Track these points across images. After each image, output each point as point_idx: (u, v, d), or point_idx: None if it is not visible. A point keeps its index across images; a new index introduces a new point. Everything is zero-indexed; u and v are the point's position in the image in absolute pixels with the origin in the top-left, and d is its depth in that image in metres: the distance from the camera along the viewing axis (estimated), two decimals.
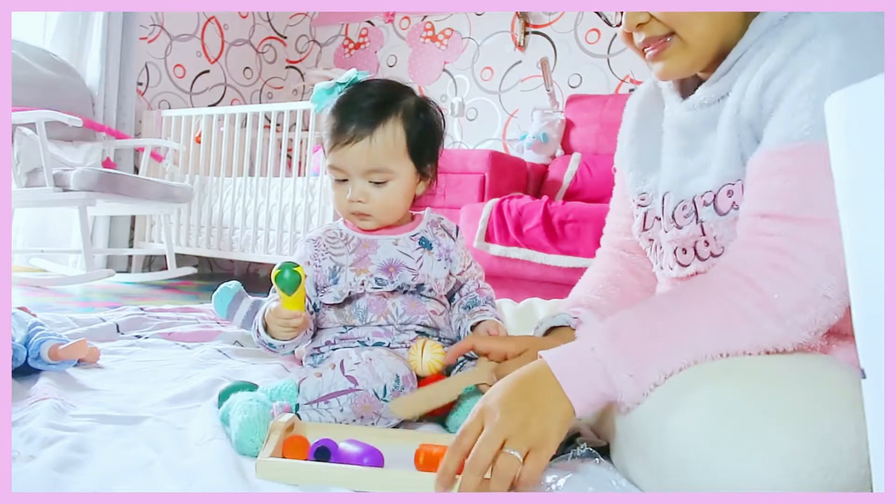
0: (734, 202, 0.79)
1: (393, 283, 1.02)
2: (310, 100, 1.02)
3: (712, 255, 0.84)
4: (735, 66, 0.82)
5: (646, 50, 0.85)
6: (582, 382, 0.70)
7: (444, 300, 1.09)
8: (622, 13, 0.84)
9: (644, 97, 1.02)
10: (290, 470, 0.73)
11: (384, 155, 0.98)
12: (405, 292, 1.04)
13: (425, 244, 1.06)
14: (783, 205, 0.71)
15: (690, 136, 0.89)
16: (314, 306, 1.06)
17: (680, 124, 0.90)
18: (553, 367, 0.71)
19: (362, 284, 1.02)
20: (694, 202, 0.85)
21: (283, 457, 0.75)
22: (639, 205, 0.98)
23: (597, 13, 0.93)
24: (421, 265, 1.04)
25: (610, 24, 0.89)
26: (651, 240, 0.96)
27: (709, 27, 0.80)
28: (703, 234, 0.84)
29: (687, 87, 0.92)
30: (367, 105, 0.98)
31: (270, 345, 0.99)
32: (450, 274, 1.07)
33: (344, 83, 1.01)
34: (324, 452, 0.76)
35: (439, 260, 1.06)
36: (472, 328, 1.06)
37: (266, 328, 0.97)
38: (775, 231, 0.71)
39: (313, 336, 1.08)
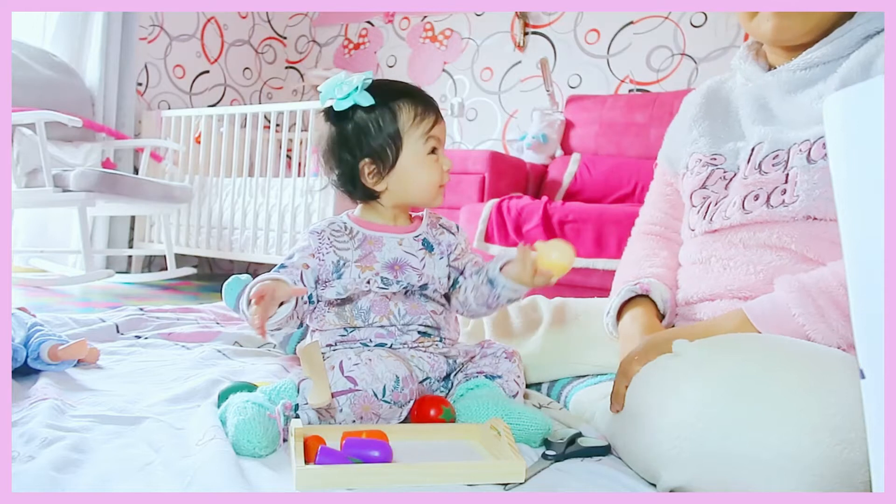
0: (825, 153, 0.87)
1: (398, 282, 1.02)
2: (347, 92, 1.01)
3: (783, 203, 0.91)
4: (841, 40, 0.91)
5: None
6: None
7: (444, 300, 1.09)
8: None
9: (708, 89, 1.14)
10: (332, 476, 0.72)
11: None
12: (407, 293, 1.03)
13: (427, 246, 1.06)
14: None
15: (780, 98, 0.98)
16: (310, 299, 1.04)
17: (776, 86, 0.99)
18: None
19: (368, 283, 1.01)
20: (789, 151, 0.93)
21: (306, 460, 0.75)
22: (707, 164, 1.05)
23: None
24: (424, 266, 1.04)
25: None
26: (706, 198, 1.03)
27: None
28: (786, 182, 0.91)
29: (763, 66, 1.04)
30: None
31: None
32: (448, 265, 1.06)
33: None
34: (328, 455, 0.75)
35: (441, 258, 1.06)
36: (501, 269, 1.02)
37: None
38: None
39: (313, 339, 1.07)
